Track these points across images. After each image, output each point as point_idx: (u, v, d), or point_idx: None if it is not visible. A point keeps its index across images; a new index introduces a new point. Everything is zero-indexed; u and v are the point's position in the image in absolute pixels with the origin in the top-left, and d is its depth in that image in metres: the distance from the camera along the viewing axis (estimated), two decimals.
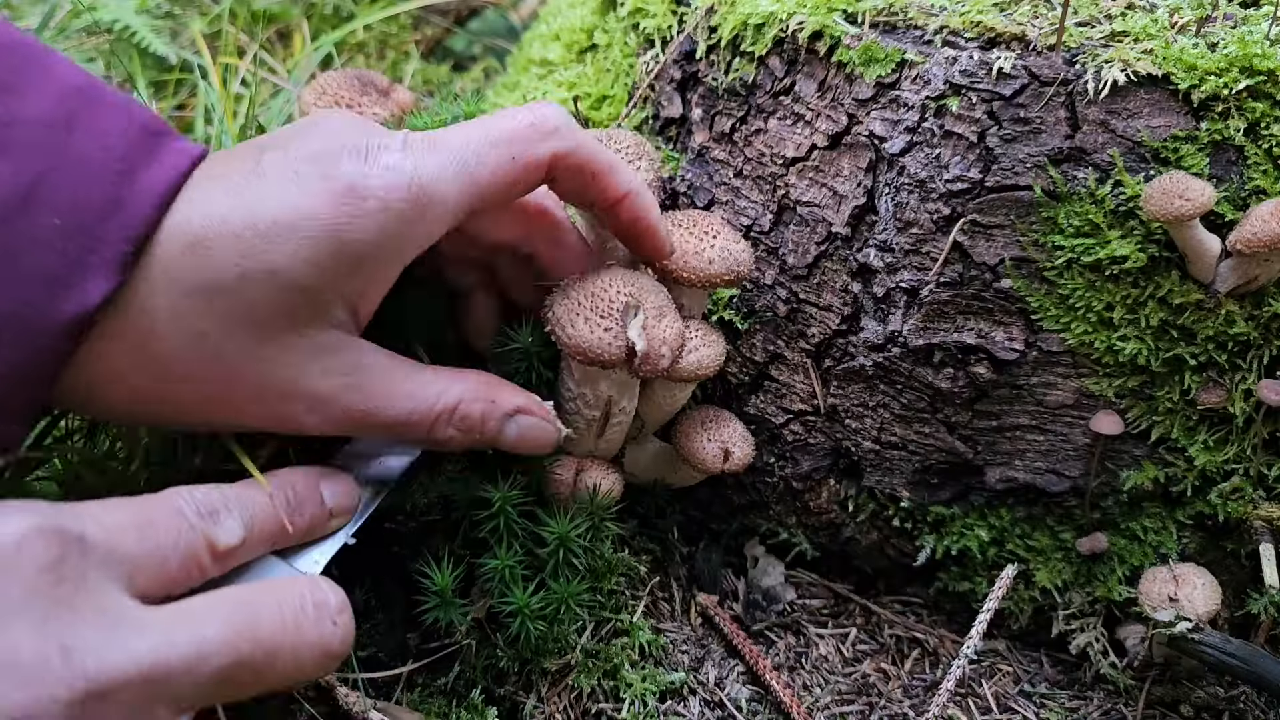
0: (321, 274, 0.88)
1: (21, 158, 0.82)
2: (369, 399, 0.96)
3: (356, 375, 0.96)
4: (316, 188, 0.87)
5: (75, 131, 0.85)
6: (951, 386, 1.26)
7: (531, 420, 1.06)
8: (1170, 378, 1.22)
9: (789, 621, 1.42)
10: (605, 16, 1.66)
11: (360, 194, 0.88)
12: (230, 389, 0.92)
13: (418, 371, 1.01)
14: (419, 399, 0.99)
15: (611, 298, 1.06)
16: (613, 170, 1.03)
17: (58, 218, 0.82)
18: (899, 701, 1.33)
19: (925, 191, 1.20)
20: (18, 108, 0.83)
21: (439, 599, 1.13)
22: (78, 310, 0.83)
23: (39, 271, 0.82)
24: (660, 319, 1.07)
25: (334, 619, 0.83)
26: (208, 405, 0.93)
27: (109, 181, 0.85)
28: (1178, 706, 1.29)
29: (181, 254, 0.86)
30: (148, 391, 0.91)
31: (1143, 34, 1.17)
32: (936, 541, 1.37)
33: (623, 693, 1.19)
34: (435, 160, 0.92)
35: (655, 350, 1.05)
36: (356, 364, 0.96)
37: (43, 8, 2.02)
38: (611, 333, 1.04)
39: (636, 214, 1.07)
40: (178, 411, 0.95)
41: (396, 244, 0.91)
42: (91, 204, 0.84)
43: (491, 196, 0.96)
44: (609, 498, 1.18)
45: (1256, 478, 1.23)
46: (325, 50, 2.07)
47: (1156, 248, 1.17)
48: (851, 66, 1.24)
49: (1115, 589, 1.30)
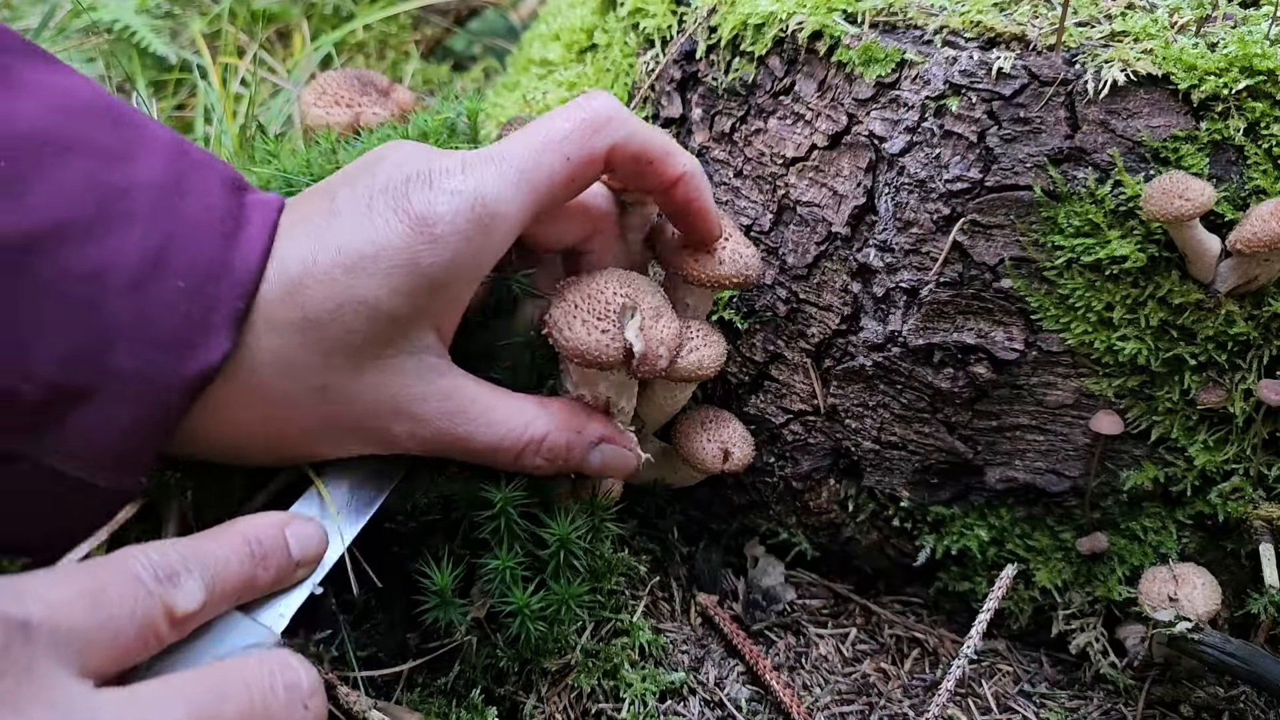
0: (408, 301, 0.92)
1: (147, 224, 0.86)
2: (463, 424, 1.00)
3: (451, 400, 0.99)
4: (391, 220, 0.91)
5: (185, 195, 0.89)
6: (951, 386, 1.26)
7: (614, 449, 1.10)
8: (1170, 378, 1.22)
9: (789, 621, 1.42)
10: (605, 16, 1.66)
11: (430, 223, 0.91)
12: (332, 419, 0.96)
13: (508, 399, 1.04)
14: (510, 427, 1.02)
15: (608, 299, 1.06)
16: (668, 154, 1.05)
17: (181, 280, 0.86)
18: (899, 701, 1.33)
19: (925, 191, 1.20)
20: (133, 174, 0.87)
21: (439, 599, 1.13)
22: (202, 368, 0.87)
23: (167, 333, 0.86)
24: (657, 319, 1.07)
25: (305, 702, 0.79)
26: (309, 437, 0.97)
27: (218, 243, 0.89)
28: (1178, 706, 1.29)
29: (281, 300, 0.90)
30: (253, 430, 0.95)
31: (1143, 34, 1.17)
32: (936, 541, 1.37)
33: (623, 693, 1.19)
34: (495, 175, 0.94)
35: (653, 351, 1.05)
36: (451, 389, 1.00)
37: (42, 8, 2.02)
38: (609, 335, 1.04)
39: (690, 195, 1.08)
40: (281, 446, 0.99)
41: (470, 264, 0.95)
42: (208, 265, 0.88)
43: (553, 199, 0.99)
44: (609, 498, 1.18)
45: (1256, 478, 1.23)
46: (325, 50, 2.07)
47: (1156, 248, 1.17)
48: (851, 66, 1.24)
49: (1115, 589, 1.30)
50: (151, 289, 0.85)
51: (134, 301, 0.84)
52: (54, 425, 0.84)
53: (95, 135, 0.87)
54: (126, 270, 0.84)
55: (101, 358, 0.84)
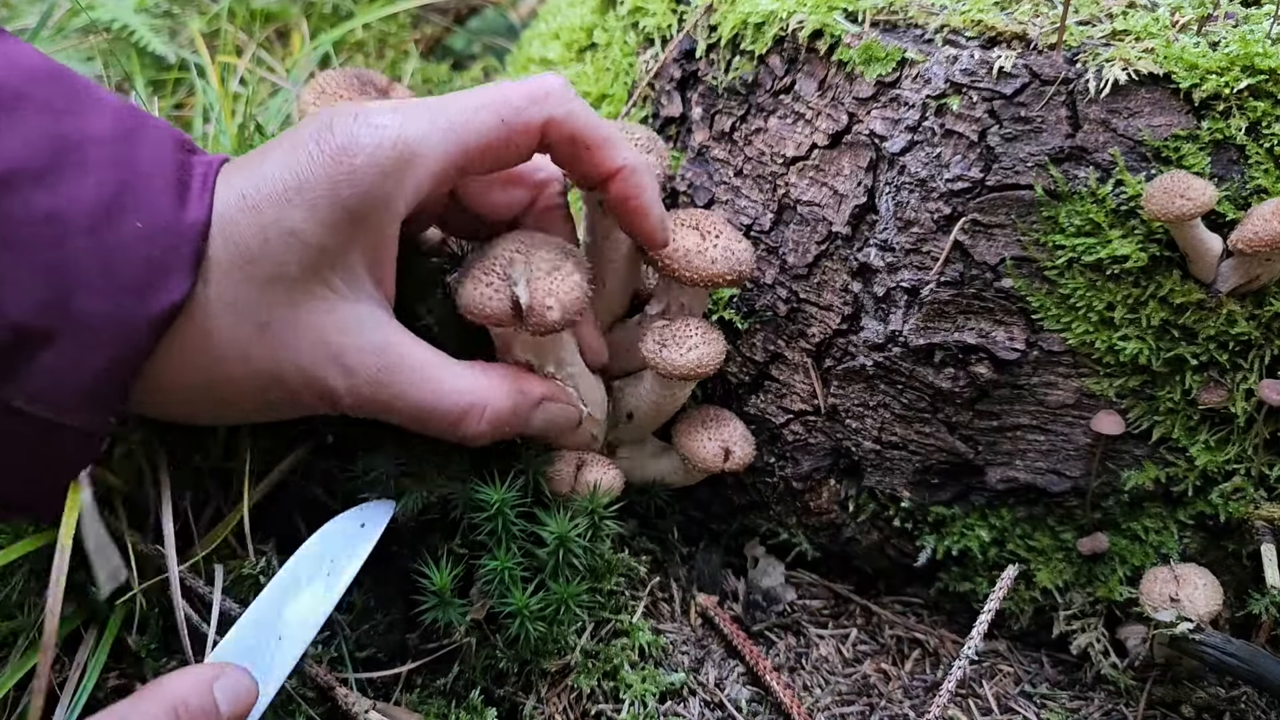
0: (331, 232, 0.94)
1: (101, 172, 0.89)
2: (400, 381, 1.00)
3: (389, 354, 1.00)
4: (314, 151, 0.94)
5: (137, 148, 0.92)
6: (952, 386, 1.26)
7: (557, 407, 1.11)
8: (1171, 377, 1.22)
9: (789, 622, 1.42)
10: (605, 15, 1.66)
11: (351, 153, 0.93)
12: (276, 365, 0.97)
13: (450, 364, 1.04)
14: (448, 391, 1.02)
15: (497, 255, 1.05)
16: (608, 143, 1.04)
17: (139, 223, 0.89)
18: (899, 702, 1.32)
19: (926, 191, 1.20)
20: (85, 127, 0.90)
21: (438, 599, 1.13)
22: (165, 307, 0.90)
23: (129, 275, 0.88)
24: (552, 273, 1.04)
25: None
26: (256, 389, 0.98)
27: (171, 191, 0.92)
28: (1179, 707, 1.29)
29: (220, 241, 0.93)
30: (208, 378, 0.96)
31: (1144, 33, 1.16)
32: (937, 542, 1.37)
33: (622, 693, 1.19)
34: (424, 120, 0.97)
35: (539, 303, 1.02)
36: (389, 342, 1.01)
37: (41, 7, 2.02)
38: (494, 288, 1.03)
39: (628, 193, 1.07)
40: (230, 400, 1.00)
41: (388, 199, 0.96)
42: (163, 212, 0.91)
43: (480, 156, 1.00)
44: (610, 494, 1.17)
45: (1258, 478, 1.22)
46: (324, 49, 2.07)
47: (1158, 247, 1.17)
48: (852, 65, 1.24)
49: (1116, 589, 1.30)
50: (110, 233, 0.87)
51: (93, 244, 0.87)
52: (22, 368, 0.86)
53: (47, 94, 0.90)
54: (83, 215, 0.87)
55: (66, 300, 0.86)
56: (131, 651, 1.12)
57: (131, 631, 1.13)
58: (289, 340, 0.96)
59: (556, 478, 1.17)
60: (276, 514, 1.24)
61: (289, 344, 0.96)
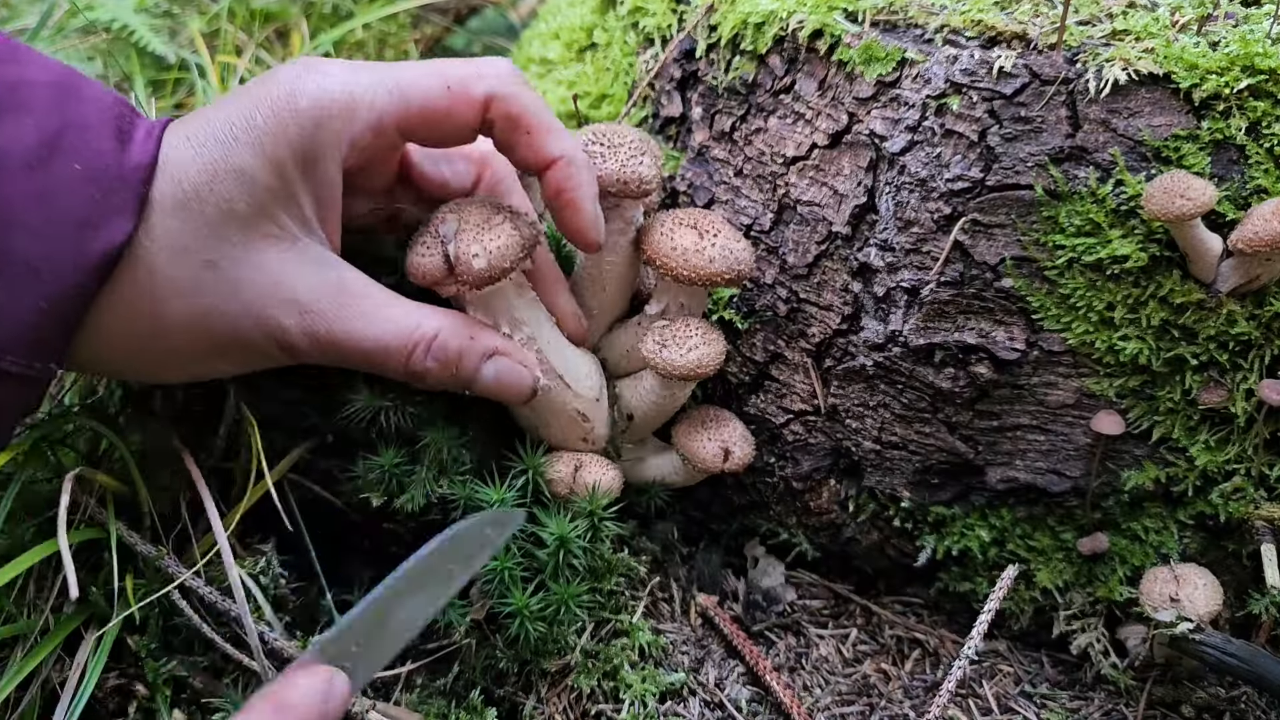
0: (280, 170, 0.95)
1: (41, 114, 0.89)
2: (354, 319, 1.01)
3: (343, 293, 1.01)
4: (261, 96, 0.96)
5: (77, 96, 0.93)
6: (952, 386, 1.26)
7: (509, 363, 1.09)
8: (1171, 377, 1.21)
9: (789, 622, 1.42)
10: (605, 15, 1.65)
11: (297, 96, 0.96)
12: (225, 308, 0.96)
13: (399, 300, 1.05)
14: (399, 324, 1.03)
15: (433, 217, 1.08)
16: (549, 130, 1.05)
17: (79, 164, 0.89)
18: (899, 702, 1.32)
19: (926, 190, 1.20)
20: (24, 73, 0.90)
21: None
22: (106, 248, 0.90)
23: (69, 214, 0.88)
24: (481, 226, 1.05)
25: None
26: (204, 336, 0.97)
27: (115, 137, 0.92)
28: (1179, 707, 1.29)
29: (166, 183, 0.93)
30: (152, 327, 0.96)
31: (1144, 33, 1.16)
32: (937, 542, 1.37)
33: (622, 693, 1.19)
34: (369, 74, 1.00)
35: (465, 253, 1.03)
36: (342, 280, 1.01)
37: (41, 7, 2.01)
38: (427, 246, 1.06)
39: (563, 184, 1.06)
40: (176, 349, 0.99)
41: (333, 143, 0.97)
42: (104, 155, 0.90)
43: (421, 118, 1.01)
44: (609, 495, 1.17)
45: (1258, 478, 1.22)
46: (324, 49, 2.07)
47: (1158, 247, 1.17)
48: (852, 65, 1.24)
49: (1116, 589, 1.30)
50: (48, 172, 0.88)
51: (31, 184, 0.87)
52: None
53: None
54: (21, 153, 0.87)
55: (2, 240, 0.86)
56: (131, 651, 1.13)
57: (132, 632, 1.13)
58: (238, 279, 0.96)
59: (555, 479, 1.17)
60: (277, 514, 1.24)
61: (238, 283, 0.96)
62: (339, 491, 1.20)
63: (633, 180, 1.15)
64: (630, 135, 1.18)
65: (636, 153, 1.16)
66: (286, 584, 1.17)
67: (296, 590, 1.20)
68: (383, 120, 0.99)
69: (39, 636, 1.10)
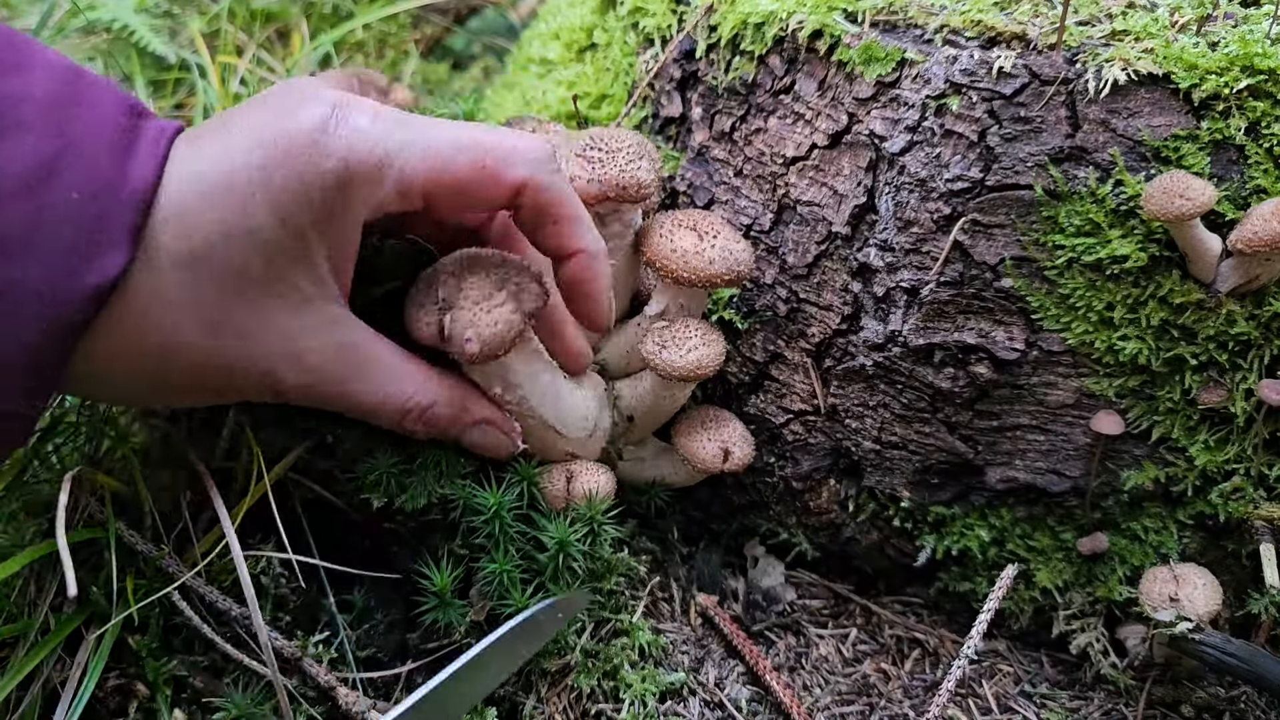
0: (299, 233, 0.91)
1: (40, 133, 0.84)
2: (353, 381, 1.00)
3: (346, 355, 1.00)
4: (281, 141, 0.89)
5: (79, 107, 0.88)
6: (952, 386, 1.26)
7: (494, 432, 1.12)
8: (1171, 377, 1.22)
9: (789, 622, 1.42)
10: (605, 15, 1.66)
11: (322, 155, 0.90)
12: (224, 358, 0.94)
13: (402, 362, 1.04)
14: (398, 389, 1.03)
15: (434, 278, 1.06)
16: (576, 222, 1.05)
17: (75, 191, 0.85)
18: (899, 702, 1.33)
19: (926, 191, 1.20)
20: (26, 85, 0.86)
21: (438, 600, 1.13)
22: (99, 281, 0.86)
23: (61, 244, 0.84)
24: (479, 304, 1.03)
25: None
26: (198, 376, 0.95)
27: (114, 155, 0.87)
28: (1178, 707, 1.29)
29: (172, 227, 0.88)
30: (145, 363, 0.93)
31: (1143, 33, 1.16)
32: (937, 541, 1.37)
33: (622, 693, 1.19)
34: (404, 135, 0.94)
35: (459, 335, 1.02)
36: (348, 343, 1.00)
37: (41, 7, 2.02)
38: (424, 311, 1.05)
39: (581, 276, 1.08)
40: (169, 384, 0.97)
41: (355, 206, 0.94)
42: (101, 178, 0.86)
43: (452, 190, 0.98)
44: (605, 500, 1.17)
45: (1257, 478, 1.22)
46: (324, 49, 2.07)
47: (1157, 247, 1.17)
48: (852, 65, 1.24)
49: (1116, 589, 1.30)
50: (43, 198, 0.83)
51: (25, 210, 0.83)
52: None
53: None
54: (16, 176, 0.83)
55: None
56: (132, 651, 1.13)
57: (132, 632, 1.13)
58: (245, 337, 0.94)
59: (550, 491, 1.17)
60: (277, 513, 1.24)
61: (243, 340, 0.94)
62: (339, 491, 1.20)
63: (631, 185, 1.15)
64: (628, 140, 1.18)
65: (635, 157, 1.17)
66: (287, 584, 1.17)
67: (297, 590, 1.20)
68: (411, 188, 0.95)
69: (39, 636, 1.10)
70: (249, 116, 0.93)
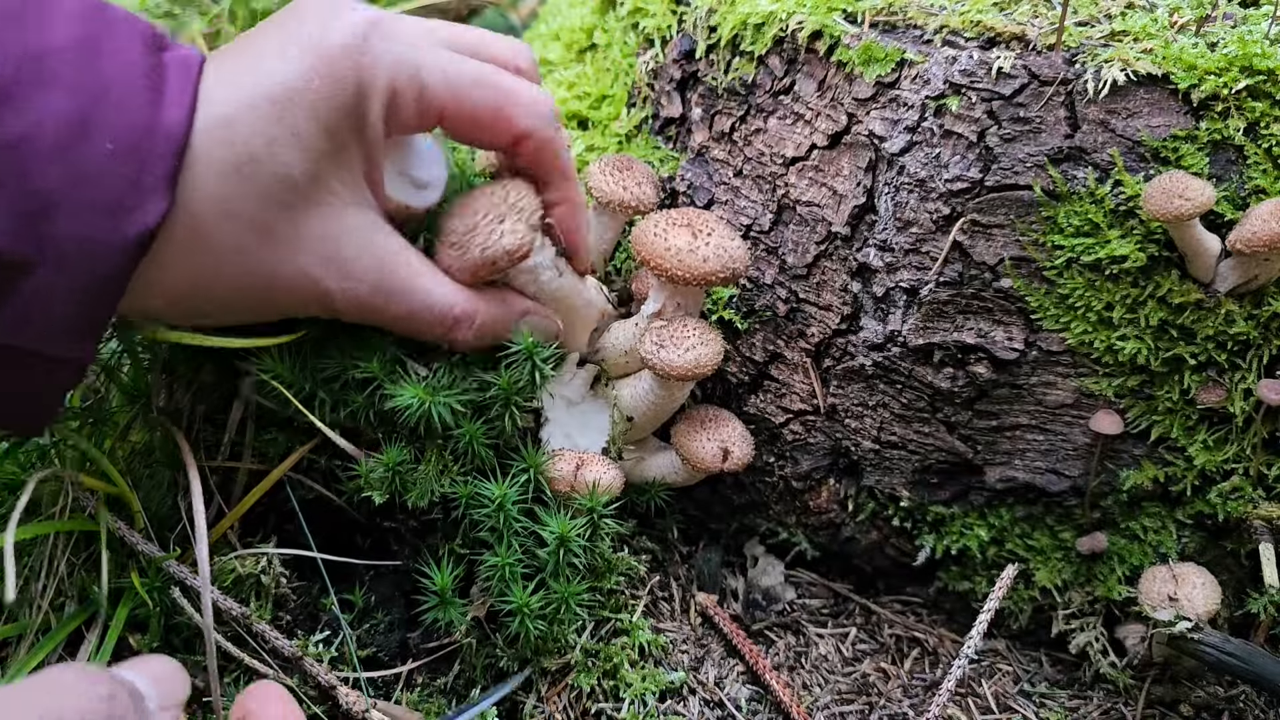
0: (335, 136, 0.95)
1: (69, 87, 0.85)
2: (399, 285, 1.03)
3: (389, 259, 1.03)
4: (317, 47, 0.94)
5: (102, 55, 0.88)
6: (951, 386, 1.26)
7: (537, 320, 1.16)
8: (1170, 377, 1.22)
9: (789, 621, 1.42)
10: (605, 16, 1.66)
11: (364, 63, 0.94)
12: (272, 269, 0.97)
13: (437, 275, 1.07)
14: (440, 299, 1.06)
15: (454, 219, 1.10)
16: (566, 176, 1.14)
17: (110, 143, 0.86)
18: (899, 701, 1.33)
19: (925, 191, 1.20)
20: (45, 38, 0.85)
21: (439, 598, 1.13)
22: (140, 230, 0.87)
23: (102, 199, 0.86)
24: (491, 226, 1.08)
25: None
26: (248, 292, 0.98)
27: (143, 102, 0.88)
28: (1177, 706, 1.29)
29: (215, 143, 0.90)
30: (197, 283, 0.95)
31: (1142, 33, 1.17)
32: (936, 541, 1.37)
33: (622, 692, 1.19)
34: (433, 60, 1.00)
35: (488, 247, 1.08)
36: (390, 248, 1.03)
37: None
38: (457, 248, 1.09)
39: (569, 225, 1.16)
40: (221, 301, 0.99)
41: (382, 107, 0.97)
42: (135, 127, 0.87)
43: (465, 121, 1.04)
44: (609, 493, 1.18)
45: (1256, 477, 1.23)
46: None
47: (1156, 247, 1.17)
48: (851, 66, 1.24)
49: (1115, 588, 1.30)
50: (79, 153, 0.84)
51: (63, 167, 0.84)
52: (3, 298, 0.85)
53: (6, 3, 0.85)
54: (50, 135, 0.83)
55: (38, 226, 0.84)
56: (133, 650, 1.13)
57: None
58: (289, 244, 0.96)
59: (556, 477, 1.18)
60: (278, 512, 1.24)
61: (287, 248, 0.96)
62: (341, 490, 1.20)
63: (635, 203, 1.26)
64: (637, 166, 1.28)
65: (644, 179, 1.27)
66: (287, 583, 1.18)
67: (297, 589, 1.20)
68: (430, 109, 1.01)
69: (39, 635, 1.11)
70: (283, 28, 0.96)
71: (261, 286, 0.98)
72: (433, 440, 1.15)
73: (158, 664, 0.83)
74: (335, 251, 0.99)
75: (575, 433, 1.26)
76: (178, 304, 0.99)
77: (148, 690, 0.78)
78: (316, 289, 1.00)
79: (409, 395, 1.10)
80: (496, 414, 1.15)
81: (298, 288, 0.99)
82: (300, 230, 0.96)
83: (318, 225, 0.97)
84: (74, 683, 0.71)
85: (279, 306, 1.03)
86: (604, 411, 1.29)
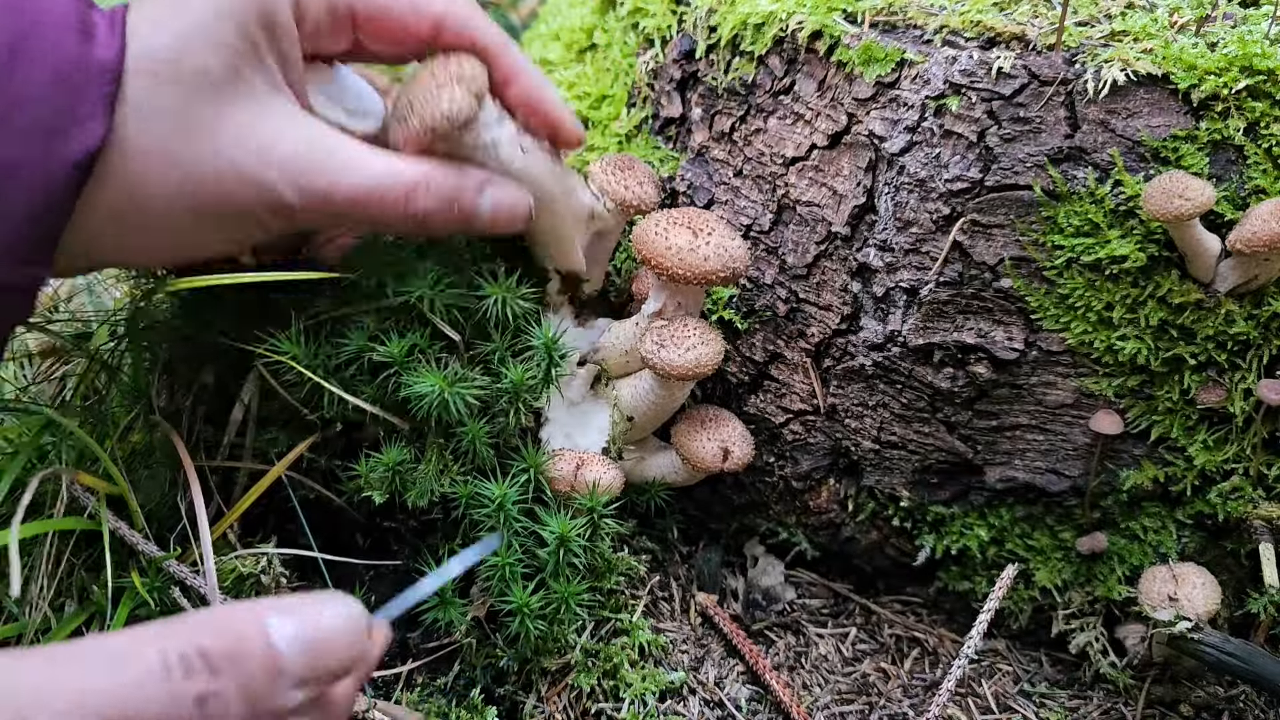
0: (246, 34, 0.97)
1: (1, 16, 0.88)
2: (337, 167, 1.01)
3: (320, 145, 1.01)
4: None
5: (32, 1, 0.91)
6: (951, 386, 1.26)
7: (503, 191, 1.09)
8: (1170, 377, 1.22)
9: (789, 621, 1.42)
10: (605, 16, 1.66)
11: None
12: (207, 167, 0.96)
13: (378, 151, 1.05)
14: (383, 172, 1.03)
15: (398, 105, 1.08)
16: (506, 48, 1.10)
17: (41, 72, 0.88)
18: (899, 701, 1.33)
19: (925, 191, 1.20)
20: None
21: (439, 598, 1.13)
22: (81, 152, 0.89)
23: (39, 123, 0.88)
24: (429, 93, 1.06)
25: None
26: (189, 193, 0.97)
27: (74, 36, 0.91)
28: (1177, 706, 1.29)
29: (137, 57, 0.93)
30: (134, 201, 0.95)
31: (1142, 33, 1.17)
32: (936, 541, 1.37)
33: (622, 692, 1.19)
34: None
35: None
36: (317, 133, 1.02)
37: None
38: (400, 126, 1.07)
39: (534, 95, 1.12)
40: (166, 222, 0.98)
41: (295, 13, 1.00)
42: (68, 55, 0.90)
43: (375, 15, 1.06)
44: (609, 493, 1.18)
45: (1256, 477, 1.23)
46: None
47: (1156, 247, 1.17)
48: (851, 66, 1.24)
49: (1115, 588, 1.30)
50: (14, 78, 0.87)
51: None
52: None
53: None
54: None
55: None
56: None
57: None
58: (217, 139, 0.97)
59: (556, 477, 1.18)
60: (278, 512, 1.24)
61: (218, 143, 0.97)
62: (340, 490, 1.20)
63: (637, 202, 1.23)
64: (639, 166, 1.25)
65: (646, 179, 1.24)
66: (288, 583, 1.18)
67: (297, 589, 1.20)
68: (338, 6, 1.03)
69: (40, 635, 1.11)
70: None
71: (203, 193, 0.98)
72: (435, 436, 1.14)
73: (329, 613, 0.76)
74: (270, 145, 0.99)
75: (575, 432, 1.27)
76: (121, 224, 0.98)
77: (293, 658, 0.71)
78: (261, 184, 0.99)
79: (429, 383, 1.09)
80: (502, 409, 1.14)
81: (241, 188, 0.99)
82: (224, 121, 0.97)
83: (243, 114, 0.98)
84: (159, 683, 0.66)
85: (232, 221, 1.01)
86: (604, 411, 1.29)
